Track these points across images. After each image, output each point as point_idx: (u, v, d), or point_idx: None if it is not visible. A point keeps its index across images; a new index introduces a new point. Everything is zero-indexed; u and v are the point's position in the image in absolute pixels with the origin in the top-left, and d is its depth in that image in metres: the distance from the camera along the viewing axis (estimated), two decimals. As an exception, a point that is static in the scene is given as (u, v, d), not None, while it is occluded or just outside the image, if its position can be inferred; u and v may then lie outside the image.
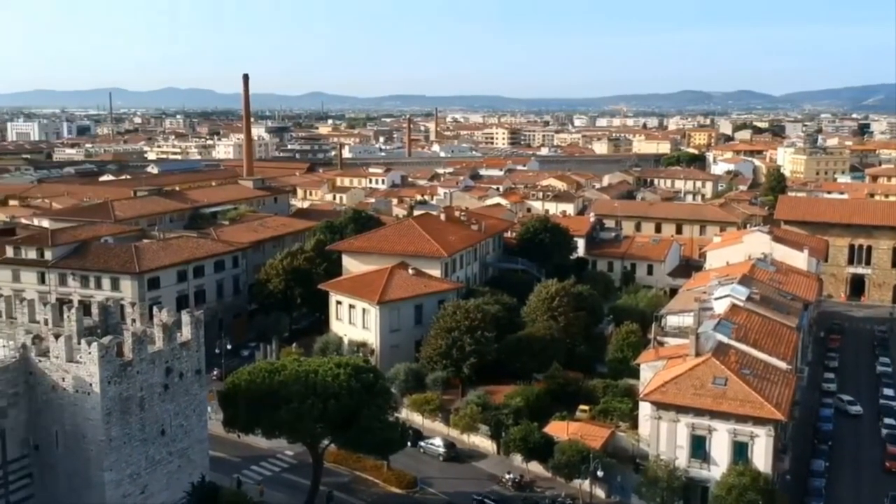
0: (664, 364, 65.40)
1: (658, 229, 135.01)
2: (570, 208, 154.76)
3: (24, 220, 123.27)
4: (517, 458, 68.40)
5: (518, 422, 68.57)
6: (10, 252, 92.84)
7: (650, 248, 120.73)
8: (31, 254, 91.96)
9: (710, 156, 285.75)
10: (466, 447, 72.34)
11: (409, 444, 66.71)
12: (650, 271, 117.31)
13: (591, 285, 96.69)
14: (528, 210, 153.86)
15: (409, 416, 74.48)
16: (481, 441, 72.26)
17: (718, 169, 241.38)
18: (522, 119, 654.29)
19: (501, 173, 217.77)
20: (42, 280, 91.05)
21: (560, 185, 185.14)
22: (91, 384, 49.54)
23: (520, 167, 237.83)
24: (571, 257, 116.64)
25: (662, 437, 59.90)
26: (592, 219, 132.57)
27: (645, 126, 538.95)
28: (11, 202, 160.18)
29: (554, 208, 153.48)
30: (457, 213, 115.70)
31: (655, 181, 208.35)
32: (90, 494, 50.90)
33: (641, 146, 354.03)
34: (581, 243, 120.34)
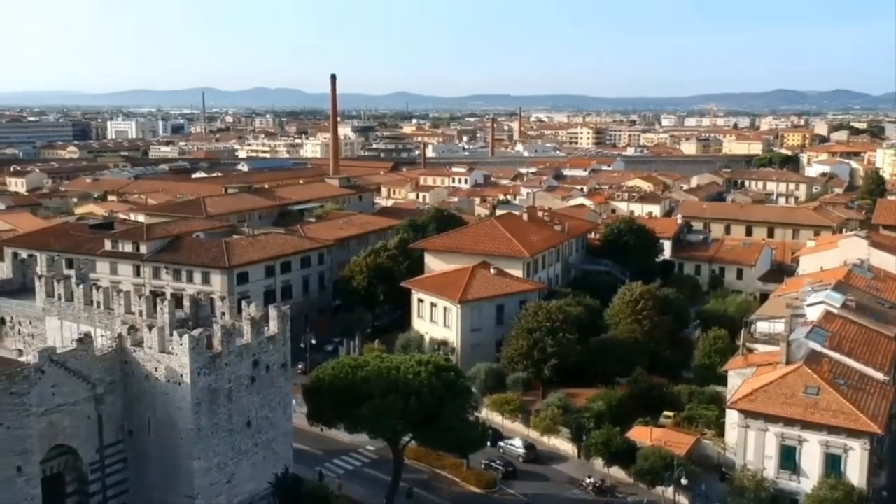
0: (753, 371, 63.40)
1: (749, 232, 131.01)
2: (656, 210, 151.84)
3: (121, 215, 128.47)
4: (598, 463, 67.42)
5: (600, 426, 67.60)
6: (108, 245, 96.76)
7: (740, 251, 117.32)
8: (128, 247, 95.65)
9: (804, 157, 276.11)
10: (546, 449, 71.73)
11: (488, 443, 66.54)
12: (740, 276, 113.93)
13: (677, 289, 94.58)
14: (613, 211, 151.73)
15: (489, 415, 74.33)
16: (561, 444, 71.55)
17: (813, 171, 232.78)
18: (608, 118, 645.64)
19: (586, 173, 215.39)
20: (137, 273, 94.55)
21: (646, 186, 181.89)
22: (182, 375, 51.20)
23: (605, 167, 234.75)
24: (657, 260, 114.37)
25: (750, 447, 58.07)
26: (680, 221, 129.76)
27: (736, 126, 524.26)
28: (110, 198, 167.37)
29: (639, 209, 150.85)
30: (540, 214, 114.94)
31: (746, 183, 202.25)
32: (179, 481, 52.65)
33: (732, 147, 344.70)
34: (667, 246, 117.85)
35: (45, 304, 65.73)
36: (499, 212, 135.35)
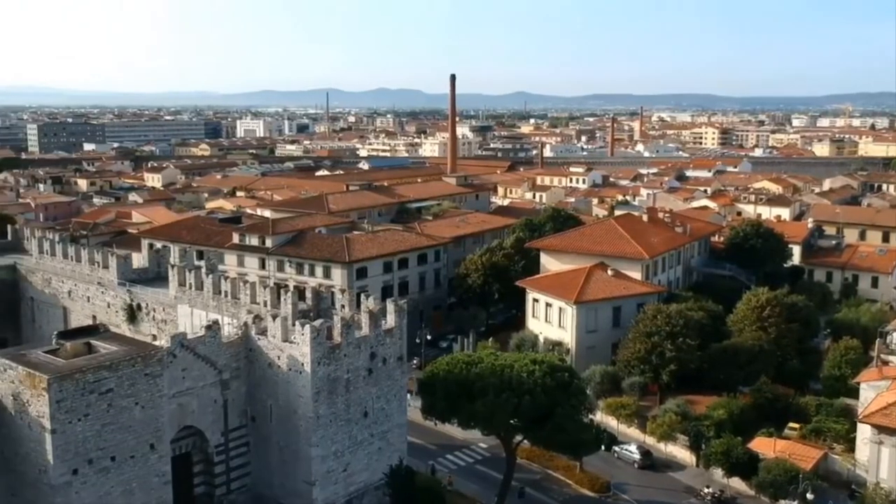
0: (888, 385, 59.79)
1: (886, 238, 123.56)
2: (785, 213, 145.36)
3: (248, 210, 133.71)
4: (717, 473, 65.17)
5: (720, 434, 65.36)
6: (235, 239, 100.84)
7: (876, 258, 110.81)
8: (254, 241, 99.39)
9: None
10: (663, 456, 70.00)
11: (603, 447, 65.46)
12: (875, 284, 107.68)
13: (806, 296, 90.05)
14: (738, 214, 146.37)
15: (604, 419, 73.08)
16: (679, 451, 69.59)
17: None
18: (735, 118, 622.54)
19: (710, 174, 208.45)
20: (262, 265, 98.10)
21: (775, 189, 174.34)
22: (303, 364, 52.75)
23: (730, 168, 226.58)
24: (785, 265, 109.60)
25: (883, 464, 54.84)
26: (811, 225, 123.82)
27: (873, 127, 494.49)
28: (238, 193, 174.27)
29: (767, 212, 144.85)
30: (660, 215, 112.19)
31: (884, 186, 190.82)
32: (299, 466, 54.30)
33: (868, 148, 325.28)
34: (796, 251, 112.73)
35: (177, 292, 69.04)
36: (617, 212, 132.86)
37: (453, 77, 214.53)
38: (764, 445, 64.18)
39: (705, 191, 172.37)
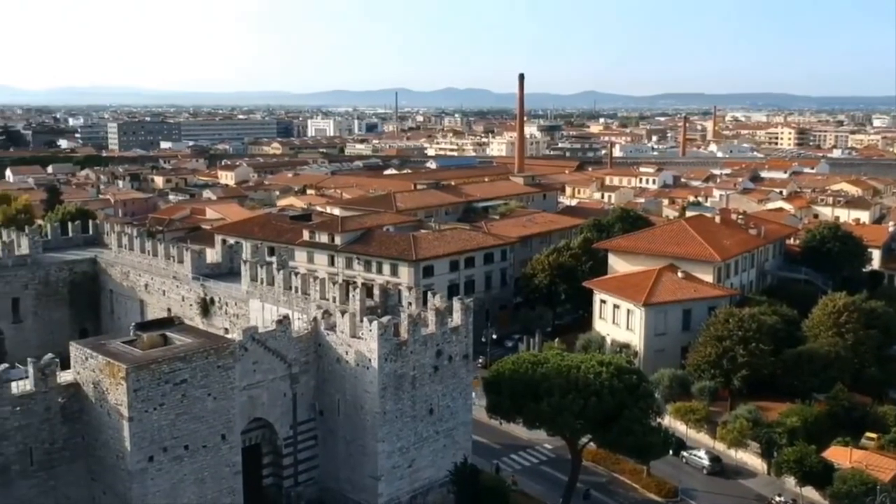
0: (976, 396, 57.19)
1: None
2: (864, 216, 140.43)
3: (318, 208, 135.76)
4: (790, 481, 63.40)
5: (793, 442, 63.52)
6: (305, 236, 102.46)
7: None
8: (324, 238, 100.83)
9: None
10: (732, 462, 68.45)
11: (670, 452, 64.37)
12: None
13: (886, 302, 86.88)
14: (815, 216, 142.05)
15: (673, 423, 71.81)
16: (750, 458, 67.95)
17: None
18: (812, 118, 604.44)
19: (785, 176, 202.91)
20: (332, 262, 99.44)
21: (854, 191, 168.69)
22: (370, 359, 53.32)
23: (807, 170, 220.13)
24: (864, 270, 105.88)
25: (969, 479, 52.47)
26: (892, 229, 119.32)
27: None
28: (309, 191, 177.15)
29: (845, 215, 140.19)
30: (733, 217, 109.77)
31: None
32: (365, 461, 54.91)
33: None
34: (876, 255, 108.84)
35: (248, 287, 70.63)
36: (689, 214, 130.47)
37: (522, 76, 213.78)
38: (839, 455, 62.18)
39: (781, 192, 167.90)
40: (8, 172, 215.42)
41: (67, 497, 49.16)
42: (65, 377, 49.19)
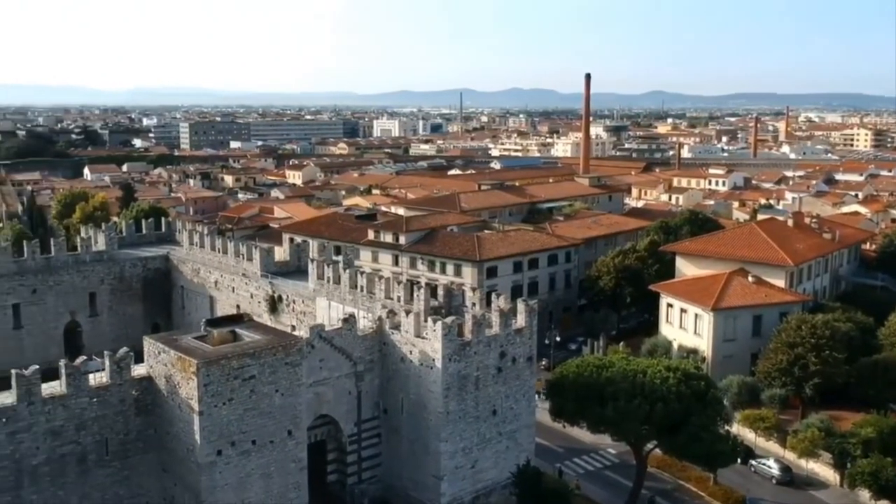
0: None
1: None
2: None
3: (383, 208, 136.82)
4: (864, 495, 61.34)
5: (867, 454, 61.31)
6: (371, 235, 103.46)
7: None
8: (388, 238, 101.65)
9: None
10: (803, 473, 66.55)
11: (738, 460, 62.94)
12: None
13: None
14: (893, 220, 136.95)
15: (741, 431, 70.19)
16: (821, 469, 65.97)
17: None
18: (889, 119, 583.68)
19: (861, 178, 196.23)
20: (396, 262, 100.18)
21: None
22: (434, 359, 53.52)
23: (884, 172, 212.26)
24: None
25: None
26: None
27: None
28: (374, 191, 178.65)
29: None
30: (806, 220, 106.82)
31: None
32: (428, 460, 55.12)
33: None
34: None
35: (315, 285, 71.63)
36: (760, 216, 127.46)
37: (588, 76, 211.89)
38: (918, 469, 59.81)
39: (856, 195, 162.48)
40: (86, 171, 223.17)
41: (140, 487, 50.62)
42: (138, 370, 50.66)
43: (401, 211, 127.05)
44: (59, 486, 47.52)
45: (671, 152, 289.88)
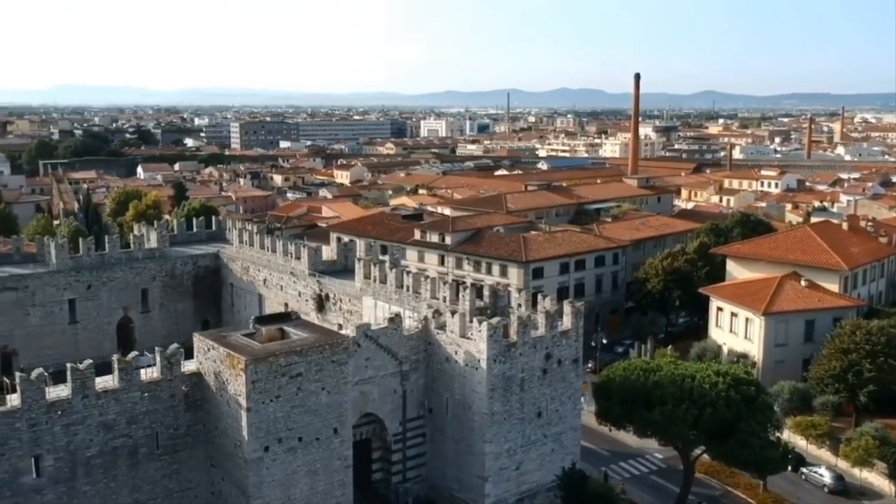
0: None
1: None
2: None
3: (429, 208, 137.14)
4: (921, 506, 59.67)
5: (925, 465, 59.72)
6: (417, 235, 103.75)
7: None
8: (434, 238, 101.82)
9: None
10: (856, 482, 64.93)
11: (789, 468, 61.69)
12: None
13: None
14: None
15: (792, 438, 68.75)
16: (876, 479, 64.28)
17: None
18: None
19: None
20: (442, 262, 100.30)
21: None
22: (479, 360, 53.43)
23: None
24: None
25: None
26: None
27: None
28: (421, 191, 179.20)
29: None
30: (862, 223, 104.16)
31: None
32: (472, 461, 55.06)
33: None
34: None
35: (362, 284, 72.05)
36: (813, 219, 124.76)
37: (637, 76, 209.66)
38: (978, 481, 58.03)
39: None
40: (139, 170, 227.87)
41: (189, 481, 51.48)
42: (188, 366, 51.54)
43: (447, 211, 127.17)
44: (112, 479, 48.59)
45: (722, 153, 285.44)
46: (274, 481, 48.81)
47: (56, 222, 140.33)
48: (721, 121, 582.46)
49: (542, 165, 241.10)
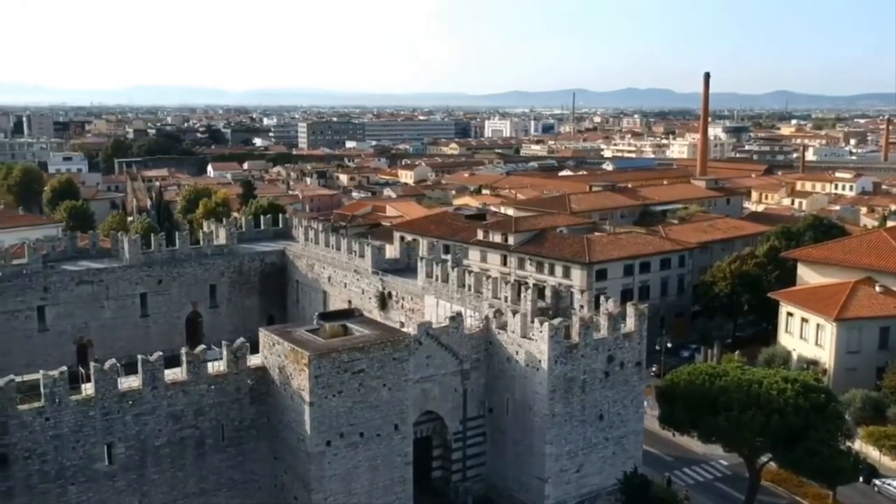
0: None
1: None
2: None
3: (492, 208, 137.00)
4: None
5: None
6: (480, 235, 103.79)
7: None
8: (497, 238, 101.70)
9: None
10: (934, 497, 62.48)
11: (861, 478, 59.74)
12: None
13: None
14: None
15: (864, 448, 66.50)
16: (954, 493, 61.75)
17: None
18: None
19: None
20: (504, 262, 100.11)
21: None
22: (540, 361, 53.19)
23: None
24: None
25: None
26: None
27: None
28: (484, 191, 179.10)
29: None
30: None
31: None
32: (532, 462, 54.85)
33: None
34: None
35: (424, 283, 72.41)
36: (890, 223, 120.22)
37: (707, 75, 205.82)
38: None
39: None
40: (209, 168, 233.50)
41: (253, 473, 52.53)
42: (254, 360, 52.57)
43: (510, 211, 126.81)
44: (179, 468, 49.91)
45: (795, 155, 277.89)
46: (335, 475, 49.44)
47: (130, 219, 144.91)
48: (794, 121, 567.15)
49: (608, 166, 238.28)
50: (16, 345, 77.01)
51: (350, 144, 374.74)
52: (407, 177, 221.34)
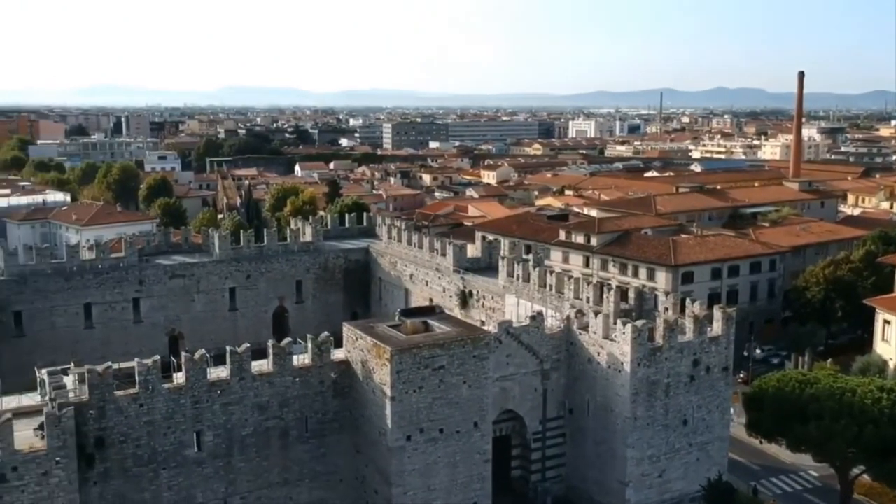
0: None
1: None
2: None
3: (575, 209, 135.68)
4: None
5: None
6: (562, 235, 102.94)
7: None
8: (580, 239, 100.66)
9: None
10: None
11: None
12: None
13: None
14: None
15: (967, 464, 63.17)
16: None
17: None
18: None
19: None
20: (586, 263, 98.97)
21: None
22: (623, 363, 52.46)
23: None
24: None
25: None
26: None
27: None
28: (567, 192, 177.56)
29: None
30: None
31: None
32: (613, 465, 54.15)
33: None
34: None
35: (505, 282, 72.31)
36: None
37: (801, 74, 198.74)
38: None
39: None
40: (297, 167, 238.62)
41: (335, 465, 53.51)
42: (337, 355, 53.57)
43: (593, 212, 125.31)
44: (264, 458, 51.26)
45: (894, 157, 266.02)
46: (415, 470, 49.92)
47: (220, 215, 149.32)
48: (893, 122, 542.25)
49: (696, 167, 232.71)
50: (113, 334, 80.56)
51: (433, 145, 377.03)
52: (489, 177, 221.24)
